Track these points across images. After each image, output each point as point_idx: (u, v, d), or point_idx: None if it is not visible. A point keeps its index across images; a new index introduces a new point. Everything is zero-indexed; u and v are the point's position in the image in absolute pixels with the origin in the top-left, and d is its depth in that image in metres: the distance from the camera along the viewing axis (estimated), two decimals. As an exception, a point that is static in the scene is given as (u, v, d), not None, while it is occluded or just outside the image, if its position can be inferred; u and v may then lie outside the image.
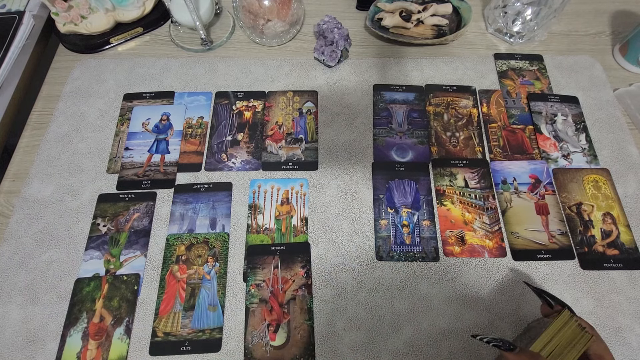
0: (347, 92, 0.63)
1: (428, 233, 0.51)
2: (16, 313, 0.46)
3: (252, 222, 0.52)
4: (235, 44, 0.69)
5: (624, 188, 0.55)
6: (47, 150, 0.57)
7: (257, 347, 0.44)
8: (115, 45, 0.68)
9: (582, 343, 0.34)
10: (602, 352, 0.34)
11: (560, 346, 0.34)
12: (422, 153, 0.57)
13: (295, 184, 0.55)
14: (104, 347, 0.44)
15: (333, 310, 0.47)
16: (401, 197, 0.54)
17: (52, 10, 0.63)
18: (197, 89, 0.63)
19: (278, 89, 0.63)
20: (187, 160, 0.57)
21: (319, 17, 0.68)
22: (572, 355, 0.34)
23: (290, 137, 0.58)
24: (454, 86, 0.63)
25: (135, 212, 0.52)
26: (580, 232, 0.52)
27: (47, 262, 0.49)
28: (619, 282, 0.49)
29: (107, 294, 0.47)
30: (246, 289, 0.48)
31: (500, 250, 0.50)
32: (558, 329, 0.35)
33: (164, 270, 0.49)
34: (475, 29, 0.71)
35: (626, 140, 0.58)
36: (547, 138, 0.59)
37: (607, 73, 0.65)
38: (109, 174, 0.55)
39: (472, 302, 0.48)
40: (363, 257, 0.50)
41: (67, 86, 0.63)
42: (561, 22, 0.71)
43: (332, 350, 0.45)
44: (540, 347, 0.34)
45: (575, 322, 0.35)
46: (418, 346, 0.45)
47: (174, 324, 0.46)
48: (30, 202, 0.53)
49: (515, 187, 0.55)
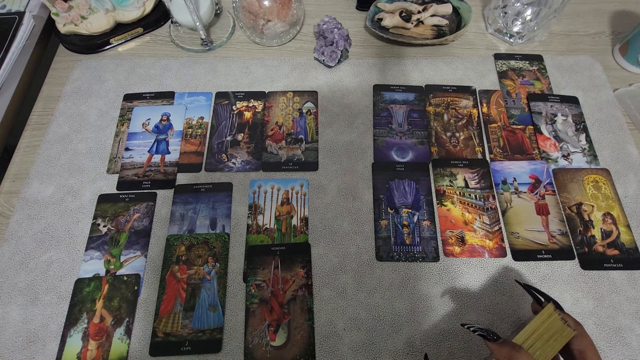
0: (347, 92, 0.63)
1: (428, 233, 0.51)
2: (16, 313, 0.46)
3: (252, 223, 0.52)
4: (235, 44, 0.69)
5: (624, 188, 0.55)
6: (47, 151, 0.57)
7: (258, 348, 0.44)
8: (116, 46, 0.68)
9: (563, 337, 0.35)
10: (584, 347, 0.35)
11: (541, 339, 0.35)
12: (422, 153, 0.57)
13: (295, 184, 0.55)
14: (104, 347, 0.44)
15: (333, 310, 0.47)
16: (401, 197, 0.54)
17: (52, 10, 0.63)
18: (197, 89, 0.63)
19: (278, 89, 0.63)
20: (187, 160, 0.57)
21: (319, 18, 0.68)
22: (553, 348, 0.34)
23: (290, 138, 0.58)
24: (454, 86, 0.63)
25: (136, 213, 0.53)
26: (580, 232, 0.52)
27: (48, 263, 0.49)
28: (619, 282, 0.49)
29: (108, 294, 0.47)
30: (246, 289, 0.48)
31: (500, 250, 0.50)
32: (541, 322, 0.35)
33: (164, 270, 0.49)
34: (475, 29, 0.71)
35: (626, 140, 0.58)
36: (547, 138, 0.59)
37: (607, 73, 0.65)
38: (109, 174, 0.55)
39: (472, 302, 0.48)
40: (363, 257, 0.50)
41: (67, 86, 0.63)
42: (561, 22, 0.71)
43: (332, 351, 0.45)
44: (523, 339, 0.35)
45: (558, 316, 0.35)
46: (418, 346, 0.45)
47: (174, 324, 0.46)
48: (30, 203, 0.53)
49: (515, 187, 0.55)
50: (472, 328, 0.36)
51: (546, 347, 0.34)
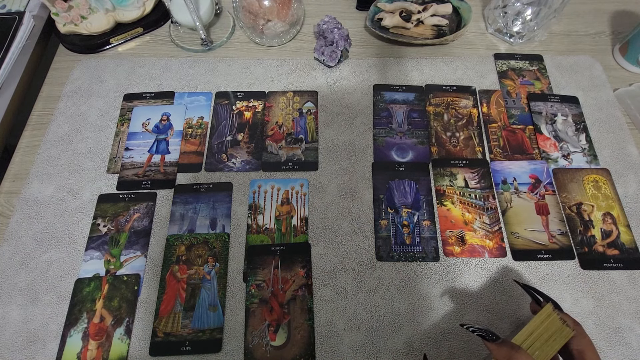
0: (347, 92, 0.63)
1: (428, 233, 0.51)
2: (16, 313, 0.46)
3: (252, 222, 0.52)
4: (235, 44, 0.69)
5: (624, 188, 0.55)
6: (47, 151, 0.57)
7: (258, 347, 0.44)
8: (116, 46, 0.68)
9: (562, 337, 0.35)
10: (583, 347, 0.35)
11: (540, 339, 0.35)
12: (422, 153, 0.57)
13: (295, 184, 0.55)
14: (104, 347, 0.44)
15: (333, 310, 0.47)
16: (401, 197, 0.54)
17: (52, 10, 0.63)
18: (197, 89, 0.63)
19: (278, 89, 0.63)
20: (187, 160, 0.57)
21: (319, 17, 0.68)
22: (552, 348, 0.34)
23: (290, 137, 0.58)
24: (454, 86, 0.63)
25: (136, 213, 0.53)
26: (580, 232, 0.52)
27: (48, 263, 0.49)
28: (619, 282, 0.49)
29: (108, 294, 0.47)
30: (246, 289, 0.48)
31: (500, 250, 0.50)
32: (540, 322, 0.35)
33: (164, 270, 0.49)
34: (475, 29, 0.71)
35: (626, 140, 0.58)
36: (547, 138, 0.59)
37: (607, 73, 0.65)
38: (109, 174, 0.55)
39: (472, 302, 0.48)
40: (363, 257, 0.50)
41: (67, 86, 0.63)
42: (561, 22, 0.71)
43: (332, 351, 0.45)
44: (522, 339, 0.35)
45: (556, 316, 0.35)
46: (418, 346, 0.45)
47: (174, 324, 0.46)
48: (30, 203, 0.53)
49: (515, 187, 0.55)
50: (471, 328, 0.36)
51: (545, 347, 0.34)
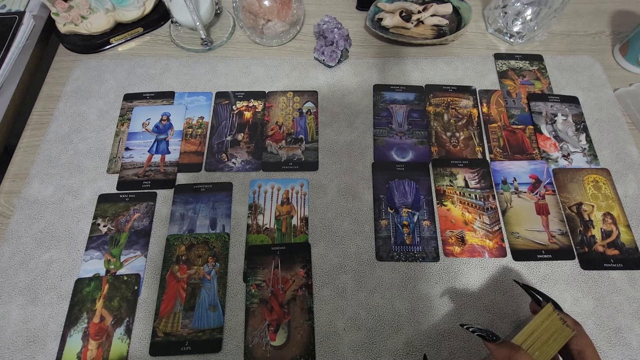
0: (347, 92, 0.63)
1: (428, 233, 0.51)
2: (16, 313, 0.46)
3: (252, 222, 0.52)
4: (235, 44, 0.69)
5: (624, 188, 0.55)
6: (47, 151, 0.57)
7: (258, 347, 0.44)
8: (116, 46, 0.68)
9: (562, 337, 0.35)
10: (583, 347, 0.35)
11: (540, 339, 0.34)
12: (422, 153, 0.57)
13: (295, 184, 0.55)
14: (104, 347, 0.44)
15: (333, 310, 0.47)
16: (401, 197, 0.54)
17: (53, 10, 0.63)
18: (197, 89, 0.63)
19: (278, 89, 0.63)
20: (187, 160, 0.57)
21: (319, 17, 0.68)
22: (552, 348, 0.34)
23: (290, 137, 0.58)
24: (454, 86, 0.63)
25: (136, 212, 0.53)
26: (580, 232, 0.52)
27: (48, 262, 0.49)
28: (619, 282, 0.49)
29: (108, 294, 0.47)
30: (246, 289, 0.48)
31: (500, 250, 0.50)
32: (540, 322, 0.35)
33: (164, 270, 0.49)
34: (475, 29, 0.71)
35: (626, 140, 0.58)
36: (547, 138, 0.59)
37: (607, 73, 0.65)
38: (109, 174, 0.55)
39: (472, 302, 0.48)
40: (363, 257, 0.50)
41: (68, 86, 0.63)
42: (561, 22, 0.71)
43: (332, 351, 0.45)
44: (522, 339, 0.35)
45: (557, 316, 0.35)
46: (418, 346, 0.45)
47: (174, 324, 0.46)
48: (30, 202, 0.53)
49: (515, 187, 0.55)
50: (471, 328, 0.36)
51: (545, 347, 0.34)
